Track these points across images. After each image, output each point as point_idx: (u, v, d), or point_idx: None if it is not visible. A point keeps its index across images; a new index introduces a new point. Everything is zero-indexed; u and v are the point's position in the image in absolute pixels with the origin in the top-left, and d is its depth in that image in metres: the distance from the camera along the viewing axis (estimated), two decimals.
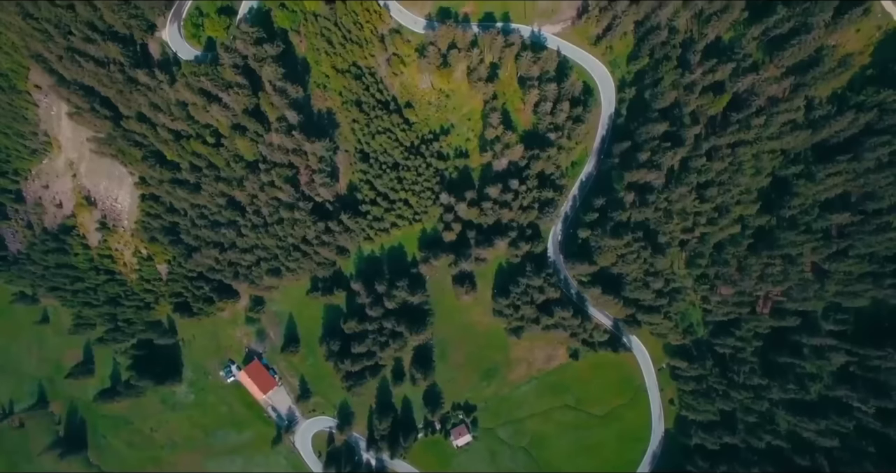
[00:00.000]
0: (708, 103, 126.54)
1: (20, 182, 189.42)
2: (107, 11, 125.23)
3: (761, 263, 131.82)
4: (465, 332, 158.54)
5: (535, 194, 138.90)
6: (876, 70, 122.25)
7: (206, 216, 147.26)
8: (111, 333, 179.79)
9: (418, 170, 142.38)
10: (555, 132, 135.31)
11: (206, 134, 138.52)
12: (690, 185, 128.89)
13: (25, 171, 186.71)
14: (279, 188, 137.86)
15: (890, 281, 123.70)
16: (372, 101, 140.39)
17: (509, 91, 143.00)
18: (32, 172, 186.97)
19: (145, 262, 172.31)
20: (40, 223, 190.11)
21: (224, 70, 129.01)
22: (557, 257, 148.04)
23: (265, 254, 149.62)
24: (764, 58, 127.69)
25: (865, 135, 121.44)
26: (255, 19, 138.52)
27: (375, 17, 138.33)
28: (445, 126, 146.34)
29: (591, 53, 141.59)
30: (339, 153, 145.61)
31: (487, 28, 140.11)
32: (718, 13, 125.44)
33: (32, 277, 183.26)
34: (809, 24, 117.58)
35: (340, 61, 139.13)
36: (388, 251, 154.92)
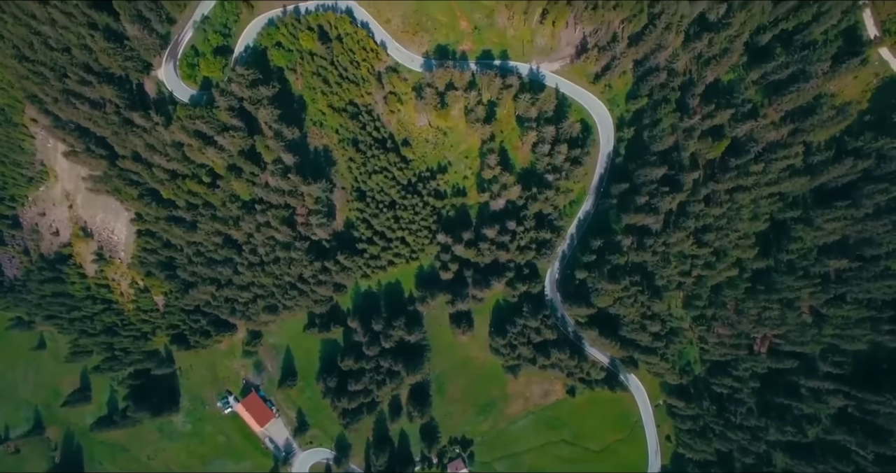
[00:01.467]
0: (707, 148, 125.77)
1: (17, 208, 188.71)
2: (102, 55, 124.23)
3: (759, 307, 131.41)
4: (463, 367, 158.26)
5: (532, 235, 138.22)
6: (874, 116, 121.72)
7: (202, 253, 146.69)
8: (108, 362, 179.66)
9: (415, 209, 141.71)
10: (553, 174, 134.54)
11: (202, 173, 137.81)
12: (688, 230, 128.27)
13: (22, 198, 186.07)
14: (275, 229, 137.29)
15: (888, 326, 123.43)
16: (369, 140, 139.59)
17: (507, 129, 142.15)
18: (29, 199, 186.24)
19: (142, 294, 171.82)
20: (37, 249, 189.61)
21: (219, 112, 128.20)
22: (555, 295, 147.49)
23: (262, 292, 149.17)
24: (763, 100, 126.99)
25: (864, 181, 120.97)
26: (251, 58, 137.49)
27: (372, 56, 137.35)
28: (443, 163, 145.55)
29: (590, 91, 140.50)
30: (335, 190, 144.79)
31: (485, 66, 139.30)
32: (717, 57, 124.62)
33: (28, 305, 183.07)
34: (808, 72, 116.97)
35: (337, 100, 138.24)
36: (385, 287, 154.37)
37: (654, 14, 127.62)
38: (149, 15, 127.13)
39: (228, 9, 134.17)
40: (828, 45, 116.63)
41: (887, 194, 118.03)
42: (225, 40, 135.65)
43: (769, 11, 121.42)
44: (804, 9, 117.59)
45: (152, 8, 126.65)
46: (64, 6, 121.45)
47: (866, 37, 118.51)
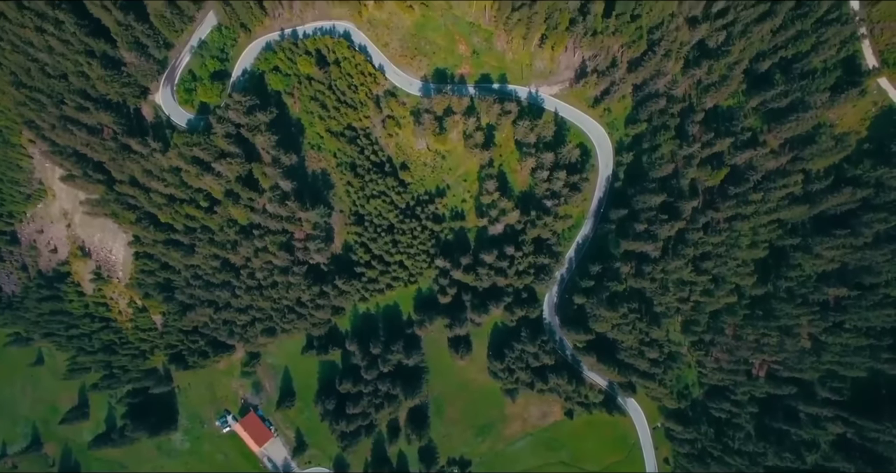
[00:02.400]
0: (706, 176, 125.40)
1: (14, 224, 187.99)
2: (99, 82, 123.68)
3: (757, 333, 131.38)
4: (461, 388, 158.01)
5: (530, 260, 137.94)
6: (872, 145, 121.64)
7: (200, 276, 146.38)
8: (106, 380, 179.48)
9: (413, 233, 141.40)
10: (551, 199, 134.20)
11: (200, 198, 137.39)
12: (687, 257, 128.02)
13: (20, 214, 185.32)
14: (273, 254, 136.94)
15: (887, 354, 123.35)
16: (367, 164, 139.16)
17: (506, 152, 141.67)
18: (27, 215, 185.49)
19: (140, 313, 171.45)
20: (35, 265, 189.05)
21: (216, 139, 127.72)
22: (553, 319, 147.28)
23: (260, 315, 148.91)
24: (763, 127, 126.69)
25: (863, 210, 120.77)
26: (249, 82, 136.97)
27: (370, 80, 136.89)
28: (441, 187, 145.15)
29: (589, 115, 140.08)
30: (333, 214, 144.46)
31: (484, 90, 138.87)
32: (717, 84, 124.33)
33: (26, 323, 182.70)
34: (807, 102, 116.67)
35: (335, 124, 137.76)
36: (384, 309, 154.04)
37: (653, 40, 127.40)
38: (146, 41, 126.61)
39: (226, 34, 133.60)
40: (827, 75, 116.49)
41: (886, 223, 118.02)
42: (222, 65, 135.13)
43: (768, 39, 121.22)
44: (803, 39, 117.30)
45: (149, 34, 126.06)
46: (61, 34, 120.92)
47: (865, 66, 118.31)
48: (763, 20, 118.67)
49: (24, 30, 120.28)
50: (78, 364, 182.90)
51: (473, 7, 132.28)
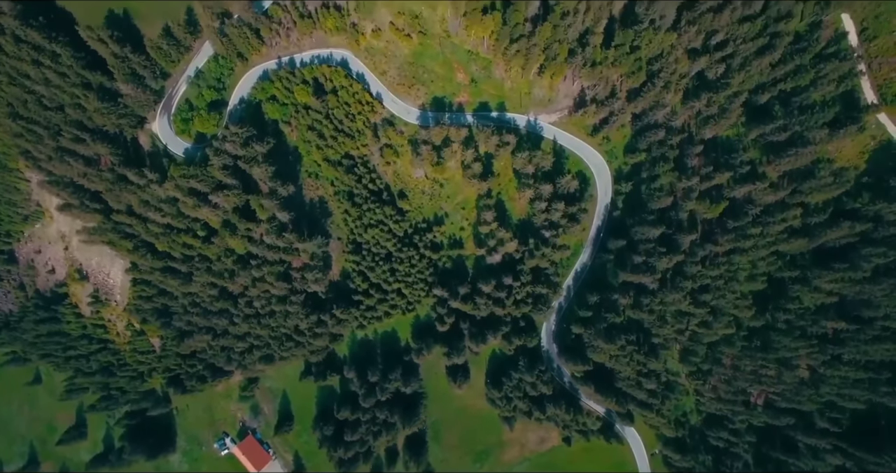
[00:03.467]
0: (705, 209, 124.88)
1: (12, 243, 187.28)
2: (96, 114, 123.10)
3: (755, 365, 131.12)
4: (459, 414, 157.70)
5: (528, 289, 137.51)
6: (871, 178, 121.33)
7: (198, 304, 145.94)
8: (104, 401, 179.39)
9: (411, 261, 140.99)
10: (549, 230, 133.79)
11: (197, 227, 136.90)
12: (685, 290, 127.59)
13: (18, 233, 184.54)
14: (270, 284, 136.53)
15: (886, 388, 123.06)
16: (364, 193, 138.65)
17: (504, 180, 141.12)
18: (25, 234, 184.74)
19: (138, 336, 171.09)
20: (33, 285, 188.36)
21: (213, 170, 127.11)
22: (551, 346, 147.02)
23: (258, 342, 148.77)
24: (762, 157, 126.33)
25: (862, 243, 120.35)
26: (246, 111, 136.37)
27: (368, 109, 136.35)
28: (439, 214, 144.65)
29: (588, 143, 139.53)
30: (331, 241, 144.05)
31: (482, 118, 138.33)
32: (716, 116, 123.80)
33: (23, 344, 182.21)
34: (806, 137, 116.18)
35: (332, 153, 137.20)
36: (382, 335, 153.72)
37: (652, 71, 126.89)
38: (142, 72, 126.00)
39: (222, 63, 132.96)
40: (826, 110, 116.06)
41: (885, 258, 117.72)
42: (219, 94, 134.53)
43: (768, 72, 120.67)
44: (802, 73, 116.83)
45: (146, 65, 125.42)
46: (58, 67, 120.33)
47: (864, 101, 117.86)
48: (762, 54, 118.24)
49: (20, 63, 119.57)
50: (76, 384, 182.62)
51: (472, 35, 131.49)
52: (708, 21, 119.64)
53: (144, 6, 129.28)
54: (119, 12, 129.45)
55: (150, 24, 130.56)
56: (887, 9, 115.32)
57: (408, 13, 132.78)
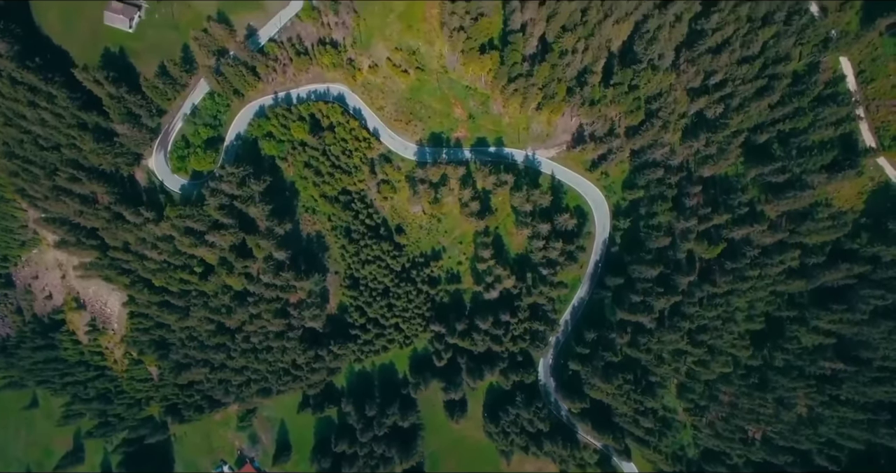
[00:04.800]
0: (703, 250, 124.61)
1: (9, 267, 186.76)
2: (92, 155, 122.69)
3: (753, 403, 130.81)
4: (456, 445, 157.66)
5: (526, 325, 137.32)
6: (870, 219, 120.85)
7: (195, 338, 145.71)
8: (101, 428, 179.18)
9: (409, 297, 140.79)
10: (547, 267, 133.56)
11: (195, 263, 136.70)
12: (683, 330, 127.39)
13: (15, 258, 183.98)
14: (267, 320, 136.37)
15: (885, 429, 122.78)
16: (361, 229, 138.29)
17: (502, 215, 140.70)
18: (22, 259, 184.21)
19: (136, 364, 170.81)
20: (30, 309, 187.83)
21: (210, 209, 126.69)
22: (548, 380, 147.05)
23: (255, 376, 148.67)
24: (761, 196, 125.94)
25: (861, 284, 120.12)
26: (242, 148, 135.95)
27: (364, 145, 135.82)
28: (437, 249, 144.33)
29: (586, 178, 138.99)
30: (329, 275, 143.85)
31: (480, 153, 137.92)
32: (715, 156, 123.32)
33: (20, 370, 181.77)
34: (804, 180, 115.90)
35: (329, 189, 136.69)
36: (380, 367, 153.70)
37: (651, 110, 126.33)
38: (138, 111, 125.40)
39: (219, 101, 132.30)
40: (824, 154, 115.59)
41: (884, 300, 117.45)
42: (215, 131, 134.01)
43: (766, 113, 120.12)
44: (801, 116, 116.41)
45: (142, 104, 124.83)
46: (53, 108, 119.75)
47: (862, 145, 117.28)
48: (761, 95, 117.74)
49: (16, 104, 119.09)
50: (73, 410, 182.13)
51: (469, 72, 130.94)
52: (707, 62, 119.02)
53: (140, 44, 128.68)
54: (115, 50, 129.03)
55: (146, 62, 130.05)
56: (884, 52, 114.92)
57: (405, 49, 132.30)
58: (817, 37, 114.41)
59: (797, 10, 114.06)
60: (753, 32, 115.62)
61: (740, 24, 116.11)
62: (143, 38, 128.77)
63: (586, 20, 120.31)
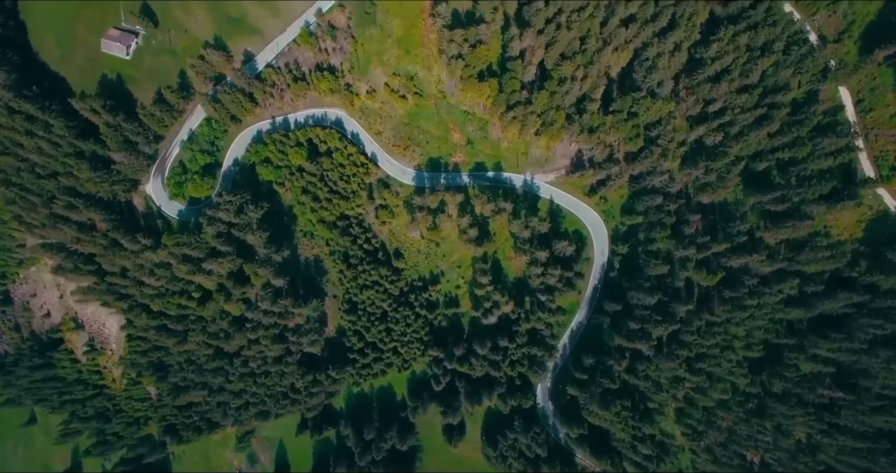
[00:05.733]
0: (701, 278, 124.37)
1: (7, 284, 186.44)
2: (89, 184, 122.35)
3: (751, 430, 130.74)
4: (455, 465, 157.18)
5: (524, 351, 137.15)
6: (868, 248, 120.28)
7: (193, 361, 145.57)
8: (99, 446, 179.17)
9: (407, 321, 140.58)
10: (545, 294, 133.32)
11: (192, 289, 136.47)
12: (681, 358, 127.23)
13: (13, 275, 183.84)
14: (266, 346, 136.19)
15: (885, 458, 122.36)
16: (359, 254, 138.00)
17: (501, 239, 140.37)
18: (20, 276, 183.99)
19: (134, 384, 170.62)
20: (28, 326, 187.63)
21: (207, 236, 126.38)
22: (547, 403, 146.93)
23: (254, 399, 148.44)
24: (760, 222, 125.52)
25: (860, 313, 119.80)
26: (240, 173, 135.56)
27: (362, 171, 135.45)
28: (435, 272, 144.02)
29: (585, 202, 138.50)
30: (327, 299, 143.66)
31: (478, 178, 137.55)
32: (713, 184, 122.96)
33: (18, 389, 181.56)
34: (803, 211, 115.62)
35: (327, 214, 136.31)
36: (378, 390, 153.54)
37: (650, 137, 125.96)
38: (135, 138, 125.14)
39: (216, 127, 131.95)
40: (823, 183, 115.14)
41: (883, 330, 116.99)
42: (212, 157, 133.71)
43: (766, 141, 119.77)
44: (800, 145, 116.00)
45: (139, 132, 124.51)
46: (50, 136, 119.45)
47: (861, 175, 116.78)
48: (760, 124, 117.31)
49: (13, 133, 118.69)
50: (71, 429, 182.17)
51: (468, 97, 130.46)
52: (706, 90, 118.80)
53: (137, 71, 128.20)
54: (112, 77, 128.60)
55: (143, 88, 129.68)
56: (883, 82, 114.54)
57: (403, 74, 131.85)
58: (816, 67, 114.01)
59: (796, 41, 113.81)
60: (752, 62, 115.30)
61: (739, 53, 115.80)
62: (141, 65, 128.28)
63: (585, 48, 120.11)
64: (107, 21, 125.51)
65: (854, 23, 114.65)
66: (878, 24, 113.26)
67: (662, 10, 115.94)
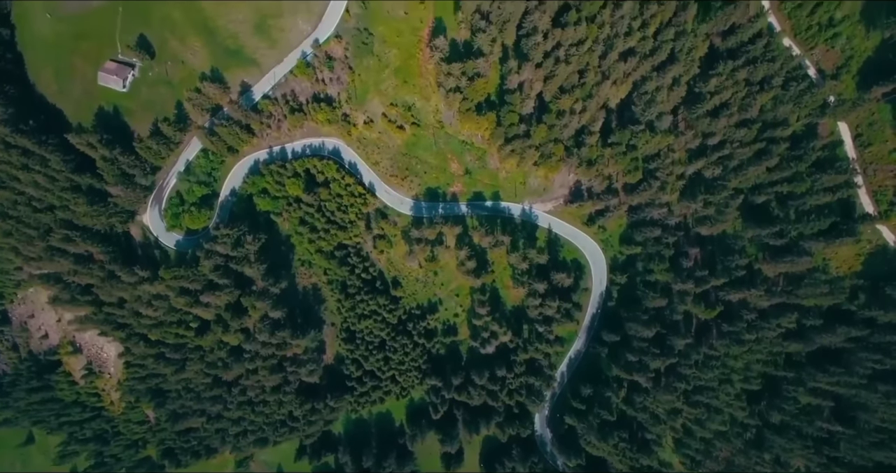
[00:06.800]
0: (699, 312, 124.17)
1: (5, 304, 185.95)
2: (85, 218, 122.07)
3: (750, 461, 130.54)
4: None
5: (522, 380, 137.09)
6: (867, 281, 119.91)
7: (191, 389, 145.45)
8: (97, 467, 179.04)
9: (405, 350, 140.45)
10: (543, 324, 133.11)
11: (190, 319, 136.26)
12: (679, 390, 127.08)
13: (11, 295, 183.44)
14: (264, 377, 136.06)
15: None
16: (357, 283, 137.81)
17: (499, 269, 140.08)
18: (18, 296, 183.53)
19: (132, 408, 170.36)
20: (26, 346, 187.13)
21: (204, 269, 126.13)
22: (545, 431, 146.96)
23: (252, 427, 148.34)
24: (758, 254, 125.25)
25: (859, 347, 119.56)
26: (237, 204, 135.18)
27: (360, 201, 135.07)
28: (433, 300, 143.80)
29: (584, 231, 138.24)
30: (325, 327, 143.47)
31: (477, 207, 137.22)
32: (712, 218, 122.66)
33: (15, 411, 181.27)
34: (802, 247, 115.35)
35: (325, 244, 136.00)
36: (377, 416, 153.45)
37: (649, 170, 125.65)
38: (132, 171, 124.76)
39: (213, 158, 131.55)
40: (822, 219, 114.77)
41: (882, 365, 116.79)
42: (209, 189, 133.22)
43: (765, 175, 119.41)
44: (799, 181, 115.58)
45: (136, 164, 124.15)
46: (47, 170, 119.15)
47: (860, 210, 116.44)
48: (759, 158, 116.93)
49: (9, 167, 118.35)
50: (69, 450, 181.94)
51: (466, 128, 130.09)
52: (705, 124, 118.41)
53: (134, 102, 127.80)
54: (109, 109, 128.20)
55: (140, 120, 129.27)
56: (881, 118, 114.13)
57: (401, 105, 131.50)
58: (815, 102, 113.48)
59: (794, 77, 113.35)
60: (751, 96, 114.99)
61: (738, 87, 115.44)
62: (138, 97, 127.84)
63: (584, 82, 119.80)
64: (104, 53, 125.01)
65: (852, 58, 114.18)
66: (875, 60, 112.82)
67: (661, 45, 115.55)
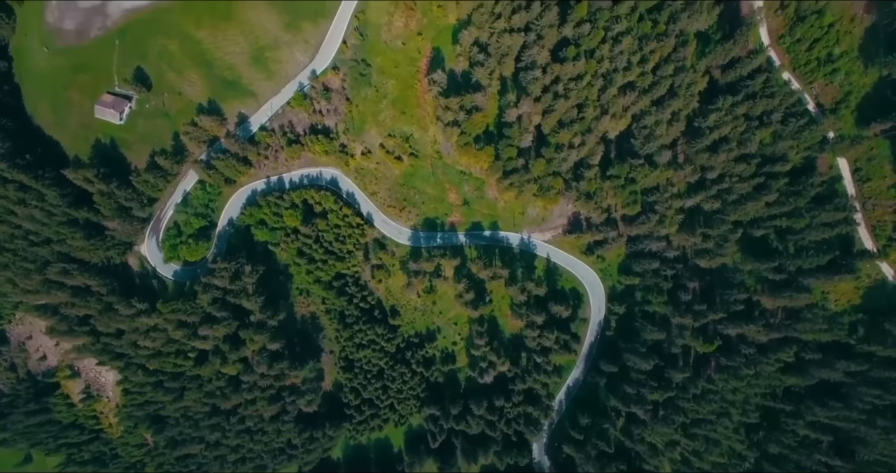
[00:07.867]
0: (698, 346, 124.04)
1: (3, 324, 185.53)
2: (82, 252, 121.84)
3: None
4: None
5: (520, 409, 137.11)
6: (866, 315, 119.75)
7: (190, 416, 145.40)
8: None
9: (403, 378, 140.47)
10: (541, 355, 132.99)
11: (188, 349, 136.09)
12: (677, 423, 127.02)
13: (9, 315, 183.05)
14: (262, 406, 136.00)
15: None
16: (356, 313, 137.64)
17: (497, 297, 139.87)
18: (16, 316, 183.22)
19: (130, 433, 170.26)
20: (24, 366, 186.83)
21: (202, 302, 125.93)
22: (543, 459, 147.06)
23: (251, 454, 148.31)
24: (757, 286, 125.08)
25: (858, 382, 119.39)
26: (235, 234, 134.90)
27: (358, 232, 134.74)
28: (431, 329, 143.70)
29: (582, 261, 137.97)
30: (324, 355, 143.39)
31: (475, 237, 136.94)
32: (711, 252, 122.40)
33: (13, 433, 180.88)
34: (800, 282, 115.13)
35: (323, 274, 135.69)
36: (375, 442, 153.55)
37: (648, 203, 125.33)
38: (129, 204, 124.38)
39: (210, 190, 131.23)
40: (821, 255, 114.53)
41: (881, 400, 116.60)
42: (206, 220, 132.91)
43: (764, 210, 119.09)
44: (797, 216, 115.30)
45: (133, 197, 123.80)
46: (43, 205, 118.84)
47: (859, 245, 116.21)
48: (758, 193, 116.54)
49: (6, 201, 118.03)
50: (67, 472, 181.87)
51: (464, 161, 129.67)
52: (704, 158, 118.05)
53: (131, 135, 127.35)
54: (106, 141, 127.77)
55: (137, 152, 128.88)
56: (880, 153, 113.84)
57: (398, 135, 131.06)
58: (814, 138, 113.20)
59: (794, 112, 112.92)
60: (751, 131, 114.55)
61: (738, 123, 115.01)
62: (134, 129, 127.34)
63: (583, 116, 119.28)
64: (101, 86, 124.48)
65: (851, 93, 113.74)
66: (873, 96, 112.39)
67: (661, 80, 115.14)
